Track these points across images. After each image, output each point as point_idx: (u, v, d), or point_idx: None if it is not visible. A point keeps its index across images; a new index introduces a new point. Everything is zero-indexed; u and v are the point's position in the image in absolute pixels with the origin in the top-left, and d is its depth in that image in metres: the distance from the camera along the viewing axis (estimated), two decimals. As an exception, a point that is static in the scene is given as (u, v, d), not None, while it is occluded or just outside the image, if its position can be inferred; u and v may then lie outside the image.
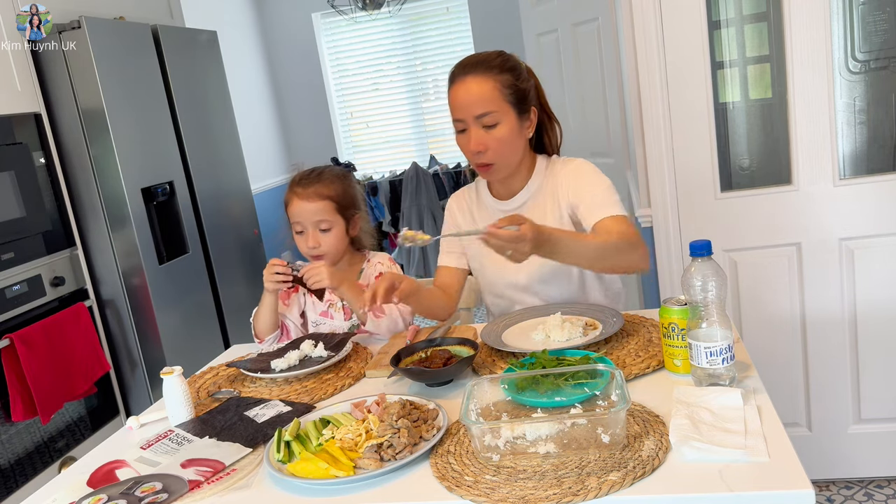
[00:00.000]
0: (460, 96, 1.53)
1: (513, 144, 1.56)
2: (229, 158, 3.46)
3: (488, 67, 1.52)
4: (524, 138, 1.59)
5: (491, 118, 1.51)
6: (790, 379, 2.24)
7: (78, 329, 2.53)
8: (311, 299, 1.87)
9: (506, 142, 1.54)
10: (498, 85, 1.51)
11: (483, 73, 1.52)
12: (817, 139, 2.08)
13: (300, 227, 1.77)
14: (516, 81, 1.54)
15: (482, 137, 1.53)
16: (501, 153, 1.55)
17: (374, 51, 5.44)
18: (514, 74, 1.54)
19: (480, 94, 1.51)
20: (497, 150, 1.54)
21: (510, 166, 1.60)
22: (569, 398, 1.16)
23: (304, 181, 1.77)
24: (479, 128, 1.52)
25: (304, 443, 1.16)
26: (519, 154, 1.59)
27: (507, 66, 1.54)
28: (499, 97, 1.51)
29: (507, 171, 1.60)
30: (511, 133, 1.54)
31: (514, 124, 1.54)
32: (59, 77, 2.62)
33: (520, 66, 1.58)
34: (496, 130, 1.52)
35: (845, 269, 2.13)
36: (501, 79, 1.52)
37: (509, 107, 1.53)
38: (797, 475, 0.91)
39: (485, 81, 1.51)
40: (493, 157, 1.55)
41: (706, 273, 1.15)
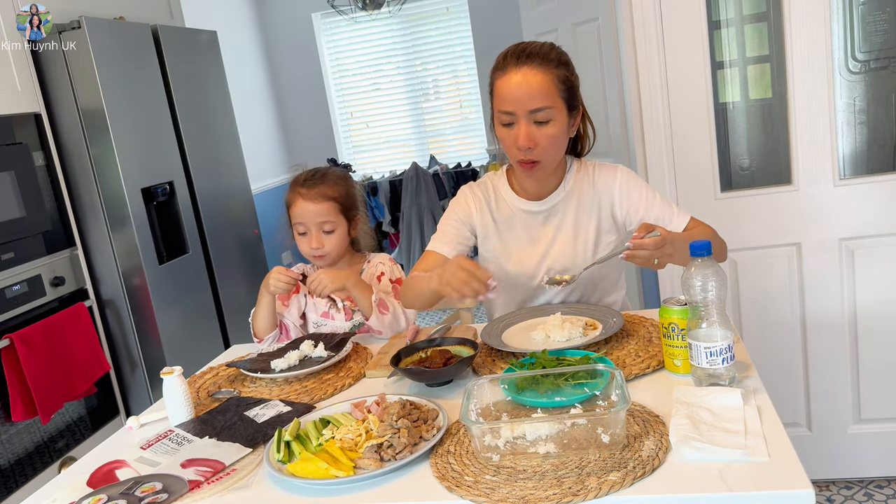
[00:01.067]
0: (515, 87, 1.43)
1: (561, 143, 1.49)
2: (229, 158, 3.46)
3: (546, 59, 1.44)
4: (567, 137, 1.52)
5: (545, 114, 1.43)
6: (790, 379, 2.24)
7: (78, 329, 2.53)
8: (311, 300, 1.87)
9: (556, 139, 1.47)
10: (554, 79, 1.43)
11: (541, 65, 1.43)
12: (817, 139, 2.08)
13: (303, 227, 1.77)
14: (569, 76, 1.47)
15: (533, 133, 1.44)
16: (549, 151, 1.47)
17: (374, 51, 5.44)
18: (568, 69, 1.47)
19: (539, 88, 1.42)
20: (546, 147, 1.46)
21: (552, 165, 1.53)
22: (569, 398, 1.16)
23: (307, 182, 1.77)
24: (531, 123, 1.44)
25: (304, 443, 1.16)
26: (562, 152, 1.54)
27: (562, 59, 1.47)
28: (556, 92, 1.44)
29: (549, 169, 1.54)
30: (561, 131, 1.47)
31: (565, 122, 1.47)
32: (59, 77, 2.62)
33: (570, 61, 1.51)
34: (548, 127, 1.44)
35: (845, 269, 2.13)
36: (558, 73, 1.44)
37: (563, 103, 1.46)
38: (797, 475, 0.91)
39: (545, 74, 1.42)
40: (540, 155, 1.47)
41: (706, 273, 1.15)
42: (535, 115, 1.44)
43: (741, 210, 2.17)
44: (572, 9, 2.92)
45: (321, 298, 1.72)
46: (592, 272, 1.53)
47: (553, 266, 1.60)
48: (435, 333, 1.61)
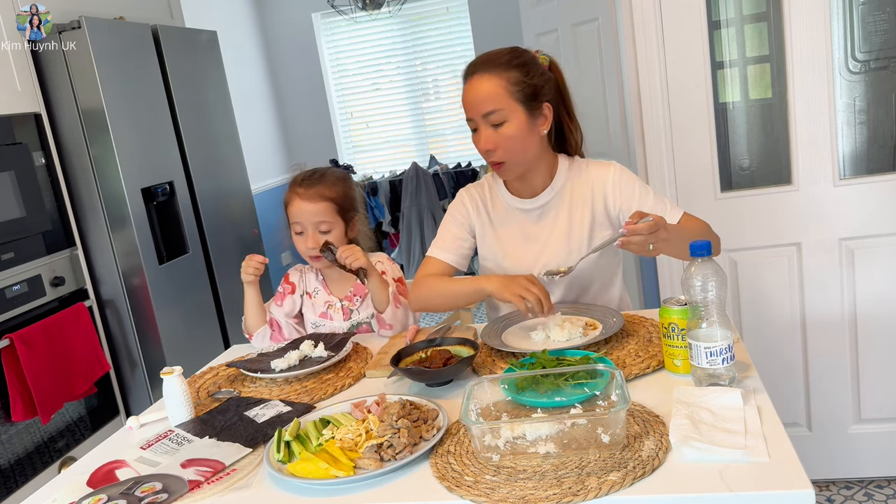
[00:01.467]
0: (468, 95, 1.53)
1: (523, 142, 1.53)
2: (229, 158, 3.46)
3: (496, 65, 1.50)
4: (537, 135, 1.55)
5: (498, 116, 1.50)
6: (790, 379, 2.24)
7: (78, 329, 2.53)
8: (310, 301, 1.87)
9: (515, 139, 1.51)
10: (503, 82, 1.49)
11: (490, 71, 1.50)
12: (817, 139, 2.08)
13: (300, 227, 1.77)
14: (525, 78, 1.51)
15: (491, 136, 1.51)
16: (511, 151, 1.52)
17: (374, 51, 5.44)
18: (522, 71, 1.51)
19: (487, 93, 1.49)
20: (506, 148, 1.52)
21: (523, 164, 1.57)
22: (569, 398, 1.16)
23: (305, 182, 1.77)
24: (488, 126, 1.51)
25: (304, 443, 1.16)
26: (531, 152, 1.56)
27: (515, 62, 1.51)
28: (505, 95, 1.49)
29: (520, 168, 1.57)
30: (520, 131, 1.51)
31: (522, 122, 1.51)
32: (59, 77, 2.62)
33: (532, 62, 1.54)
34: (504, 128, 1.51)
35: (845, 269, 2.13)
36: (508, 76, 1.49)
37: (517, 104, 1.50)
38: (797, 475, 0.91)
39: (491, 79, 1.49)
40: (502, 156, 1.53)
41: (706, 273, 1.15)
42: (489, 119, 1.51)
43: (741, 210, 2.17)
44: (572, 9, 2.92)
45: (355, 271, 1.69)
46: (590, 267, 1.58)
47: (548, 263, 1.62)
48: (435, 333, 1.61)
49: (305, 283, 1.89)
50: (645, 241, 1.30)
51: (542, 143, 1.58)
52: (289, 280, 1.89)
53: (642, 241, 1.30)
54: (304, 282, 1.89)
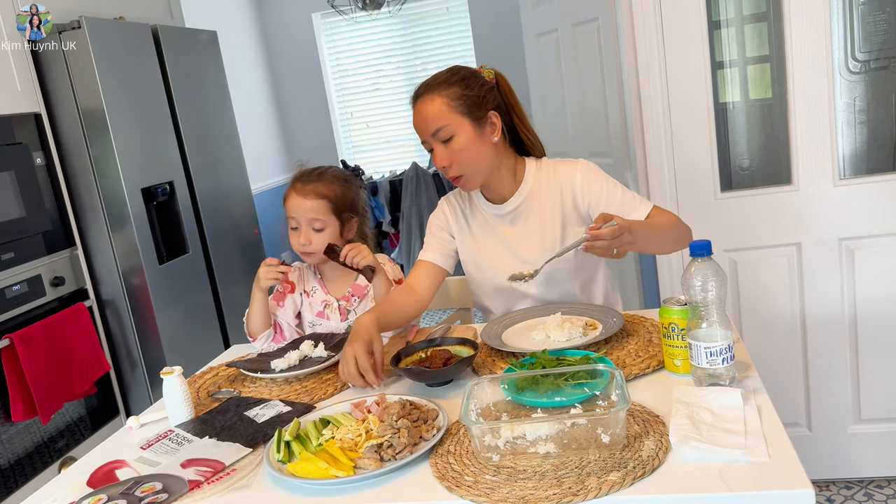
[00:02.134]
0: (416, 119, 1.58)
1: (475, 152, 1.56)
2: (229, 158, 3.46)
3: (436, 85, 1.55)
4: (488, 144, 1.58)
5: (446, 132, 1.53)
6: (790, 379, 2.24)
7: (78, 329, 2.53)
8: (307, 299, 1.87)
9: (466, 151, 1.55)
10: (445, 99, 1.54)
11: (430, 92, 1.55)
12: (817, 139, 2.08)
13: (295, 222, 1.78)
14: (465, 91, 1.55)
15: (443, 152, 1.55)
16: (465, 163, 1.56)
17: (374, 51, 5.44)
18: (462, 85, 1.55)
19: (431, 112, 1.54)
20: (459, 161, 1.55)
21: (482, 174, 1.60)
22: (569, 398, 1.16)
23: (304, 178, 1.78)
24: (439, 144, 1.55)
25: (304, 443, 1.16)
26: (485, 161, 1.59)
27: (453, 79, 1.56)
28: (448, 110, 1.53)
29: (478, 178, 1.60)
30: (469, 142, 1.55)
31: (470, 133, 1.55)
32: (59, 77, 2.62)
33: (471, 76, 1.58)
34: (454, 143, 1.54)
35: (845, 269, 2.13)
36: (449, 92, 1.54)
37: (461, 117, 1.54)
38: (797, 475, 0.91)
39: (434, 99, 1.54)
40: (459, 169, 1.56)
41: (706, 273, 1.15)
42: (438, 136, 1.55)
43: (741, 210, 2.17)
44: (572, 9, 2.92)
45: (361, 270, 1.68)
46: (567, 266, 1.62)
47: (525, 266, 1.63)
48: (435, 333, 1.61)
49: (304, 282, 1.89)
50: (608, 246, 1.32)
51: (497, 151, 1.61)
52: (287, 280, 1.89)
53: (605, 246, 1.32)
54: (303, 280, 1.89)
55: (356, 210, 1.83)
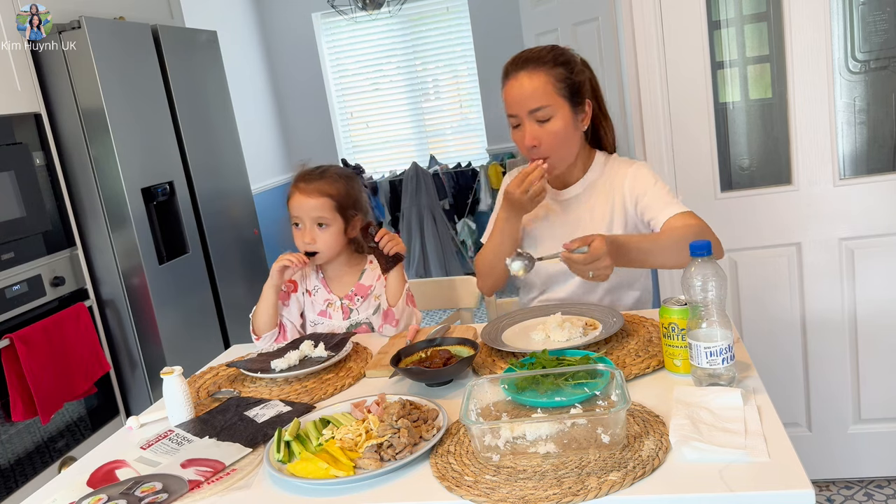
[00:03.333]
0: (513, 92, 1.54)
1: (568, 138, 1.56)
2: (229, 158, 3.46)
3: (540, 62, 1.53)
4: (579, 132, 1.59)
5: (544, 112, 1.52)
6: (790, 379, 2.24)
7: (78, 329, 2.53)
8: (309, 299, 1.87)
9: (560, 135, 1.54)
10: (551, 79, 1.52)
11: (535, 68, 1.52)
12: (817, 139, 2.08)
13: (298, 220, 1.78)
14: (569, 74, 1.53)
15: (536, 132, 1.53)
16: (556, 147, 1.55)
17: (374, 51, 5.44)
18: (566, 68, 1.54)
19: (533, 89, 1.51)
20: (551, 143, 1.54)
21: (566, 160, 1.60)
22: (569, 398, 1.16)
23: (307, 177, 1.79)
24: (534, 122, 1.53)
25: (304, 443, 1.16)
26: (575, 148, 1.59)
27: (559, 59, 1.54)
28: (552, 91, 1.52)
29: (563, 164, 1.60)
30: (566, 126, 1.54)
31: (568, 118, 1.54)
32: (59, 77, 2.61)
33: (573, 59, 1.57)
34: (550, 124, 1.53)
35: (845, 269, 2.13)
36: (554, 73, 1.52)
37: (563, 100, 1.53)
38: (797, 475, 0.91)
39: (537, 76, 1.52)
40: (547, 151, 1.55)
41: (706, 273, 1.15)
42: (535, 115, 1.52)
43: (741, 210, 2.17)
44: (572, 9, 2.92)
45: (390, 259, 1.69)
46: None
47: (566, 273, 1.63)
48: (435, 333, 1.61)
49: (306, 281, 1.88)
50: (582, 270, 1.31)
51: (582, 140, 1.62)
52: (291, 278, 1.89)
53: (579, 270, 1.31)
54: (305, 279, 1.89)
55: (359, 207, 1.83)
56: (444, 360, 1.36)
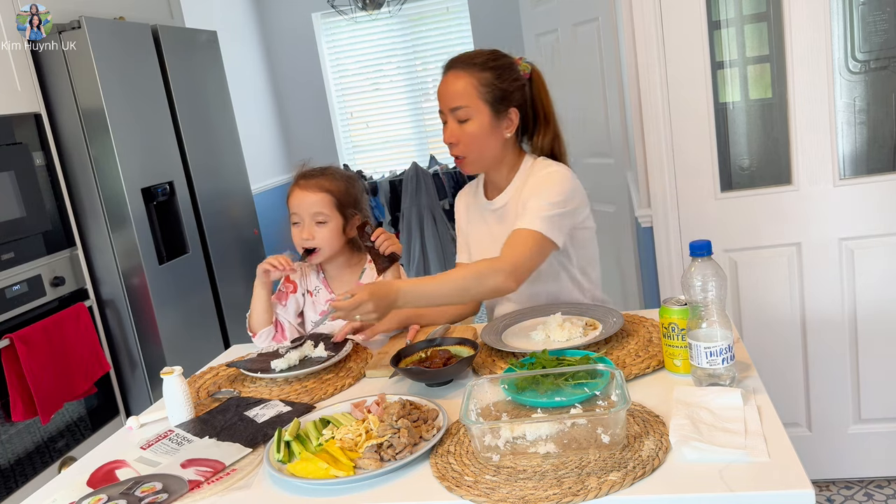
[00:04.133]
0: (441, 88, 1.60)
1: (483, 141, 1.58)
2: (229, 158, 3.46)
3: (470, 64, 1.57)
4: (500, 138, 1.60)
5: (464, 112, 1.55)
6: (790, 379, 2.24)
7: (78, 329, 2.53)
8: (311, 299, 1.87)
9: (476, 137, 1.57)
10: (474, 81, 1.55)
11: (463, 69, 1.57)
12: (817, 139, 2.08)
13: (297, 217, 1.78)
14: (496, 81, 1.56)
15: (455, 130, 1.57)
16: (471, 148, 1.58)
17: (374, 51, 5.44)
18: (495, 74, 1.56)
19: (457, 89, 1.56)
20: (467, 144, 1.57)
21: (482, 161, 1.62)
22: (569, 398, 1.16)
23: (307, 174, 1.80)
24: (454, 121, 1.57)
25: (304, 443, 1.16)
26: (492, 152, 1.61)
27: (490, 64, 1.57)
28: (473, 93, 1.55)
29: (479, 166, 1.63)
30: (482, 130, 1.56)
31: (486, 122, 1.56)
32: (59, 77, 2.61)
33: (508, 67, 1.59)
34: (468, 125, 1.56)
35: (845, 269, 2.13)
36: (480, 76, 1.55)
37: (483, 104, 1.55)
38: (797, 475, 0.91)
39: (462, 77, 1.56)
40: (463, 151, 1.59)
41: (706, 273, 1.15)
42: (455, 114, 1.57)
43: (741, 210, 2.17)
44: (572, 9, 2.92)
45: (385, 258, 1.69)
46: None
47: None
48: (435, 333, 1.61)
49: (306, 282, 1.88)
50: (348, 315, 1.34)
51: (505, 146, 1.62)
52: (290, 279, 1.89)
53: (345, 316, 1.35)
54: (305, 280, 1.89)
55: (359, 208, 1.83)
56: (444, 360, 1.36)
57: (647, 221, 2.25)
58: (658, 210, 2.21)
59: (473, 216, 1.76)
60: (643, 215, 2.26)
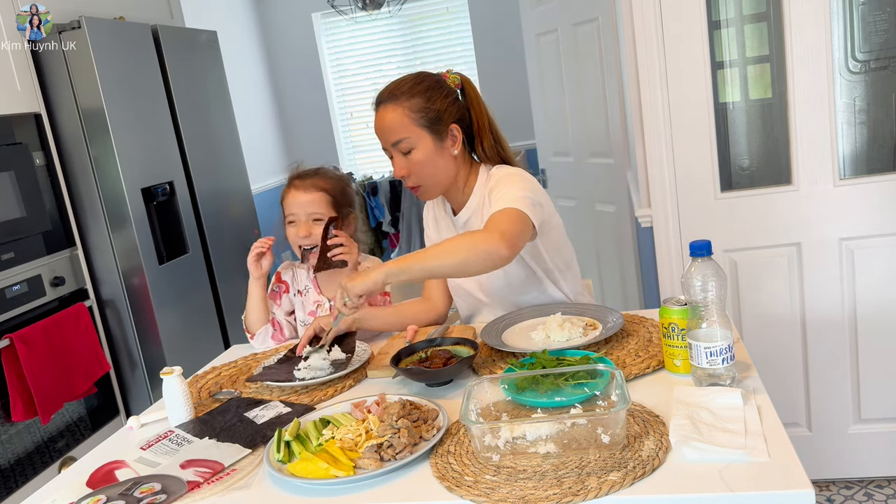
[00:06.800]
0: (377, 126, 1.58)
1: (433, 166, 1.57)
2: (229, 158, 3.46)
3: (396, 96, 1.55)
4: (448, 157, 1.58)
5: (405, 144, 1.54)
6: (790, 379, 2.24)
7: (78, 329, 2.53)
8: (300, 299, 1.87)
9: (424, 164, 1.55)
10: (406, 111, 1.53)
11: (391, 102, 1.55)
12: (817, 139, 2.07)
13: (293, 217, 1.78)
14: (427, 104, 1.54)
15: (402, 163, 1.56)
16: (423, 175, 1.57)
17: (374, 51, 5.44)
18: (424, 97, 1.54)
19: (391, 122, 1.54)
20: (418, 173, 1.56)
21: (439, 185, 1.61)
22: (569, 398, 1.16)
23: (302, 174, 1.82)
24: (399, 154, 1.56)
25: (304, 443, 1.16)
26: (445, 173, 1.59)
27: (417, 90, 1.55)
28: (409, 123, 1.53)
29: (437, 190, 1.62)
30: (428, 155, 1.55)
31: (430, 147, 1.55)
32: (59, 77, 2.62)
33: (435, 86, 1.56)
34: (413, 155, 1.55)
35: (845, 269, 2.13)
36: (411, 104, 1.53)
37: (422, 130, 1.54)
38: (797, 475, 0.91)
39: (395, 109, 1.54)
40: (416, 180, 1.58)
41: (706, 273, 1.15)
42: (398, 147, 1.55)
43: (741, 210, 2.17)
44: (572, 9, 2.92)
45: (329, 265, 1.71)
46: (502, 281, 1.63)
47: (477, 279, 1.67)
48: (435, 333, 1.61)
49: (297, 282, 1.89)
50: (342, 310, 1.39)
51: (456, 163, 1.61)
52: (281, 279, 1.90)
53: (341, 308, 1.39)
54: (296, 280, 1.89)
55: (353, 206, 1.85)
56: (444, 360, 1.36)
57: (647, 221, 2.25)
58: (658, 210, 2.21)
59: (442, 228, 1.76)
60: (643, 215, 2.26)
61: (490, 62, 4.98)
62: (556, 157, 3.35)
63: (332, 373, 1.47)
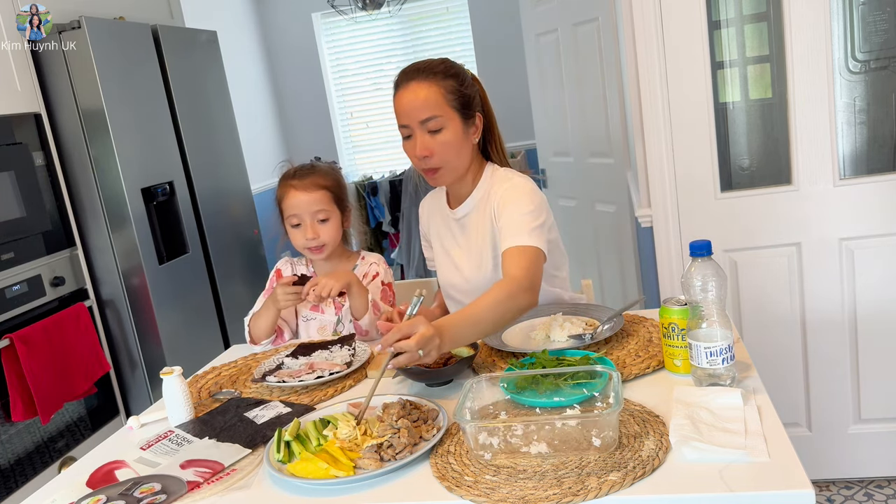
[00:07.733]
0: (405, 102, 1.54)
1: (459, 149, 1.56)
2: (229, 158, 3.46)
3: (432, 73, 1.54)
4: (470, 144, 1.58)
5: (436, 123, 1.52)
6: (790, 379, 2.24)
7: (78, 329, 2.53)
8: None
9: (451, 146, 1.54)
10: (442, 90, 1.52)
11: (427, 79, 1.53)
12: (817, 139, 2.08)
13: (297, 219, 1.77)
14: (460, 87, 1.54)
15: (428, 142, 1.53)
16: (447, 158, 1.55)
17: (374, 51, 5.44)
18: (457, 80, 1.55)
19: (425, 99, 1.51)
20: (442, 154, 1.54)
21: (457, 171, 1.60)
22: (568, 399, 1.16)
23: (299, 174, 1.80)
24: (425, 133, 1.53)
25: (303, 443, 1.16)
26: (465, 159, 1.59)
27: (450, 72, 1.56)
28: (443, 102, 1.52)
29: (453, 175, 1.60)
30: (456, 137, 1.54)
31: (459, 129, 1.54)
32: (59, 77, 2.61)
33: (464, 73, 1.59)
34: (441, 135, 1.53)
35: (845, 269, 2.13)
36: (445, 84, 1.53)
37: (453, 111, 1.53)
38: (797, 475, 0.91)
39: (429, 86, 1.52)
40: (438, 162, 1.55)
41: (706, 273, 1.15)
42: (427, 125, 1.52)
43: (741, 210, 2.17)
44: (572, 9, 2.92)
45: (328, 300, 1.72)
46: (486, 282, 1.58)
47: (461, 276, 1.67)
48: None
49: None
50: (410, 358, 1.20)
51: (474, 152, 1.62)
52: (280, 275, 1.89)
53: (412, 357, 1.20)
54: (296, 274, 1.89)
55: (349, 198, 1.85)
56: (444, 360, 1.36)
57: (647, 221, 2.25)
58: (658, 210, 2.21)
59: (436, 224, 1.76)
60: (643, 215, 2.26)
61: (490, 62, 4.98)
62: (556, 157, 3.35)
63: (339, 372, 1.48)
